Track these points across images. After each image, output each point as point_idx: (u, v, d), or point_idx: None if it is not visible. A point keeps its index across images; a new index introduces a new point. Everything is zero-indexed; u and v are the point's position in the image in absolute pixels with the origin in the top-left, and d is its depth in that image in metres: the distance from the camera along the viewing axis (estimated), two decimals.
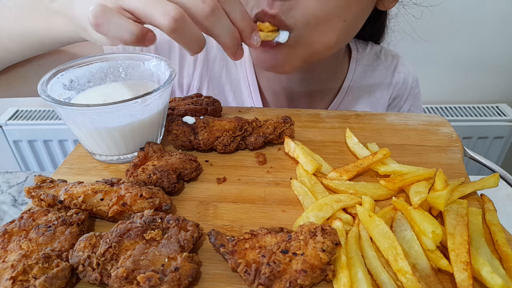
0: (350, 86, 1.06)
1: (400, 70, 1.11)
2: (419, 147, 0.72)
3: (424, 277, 0.45)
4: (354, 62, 1.06)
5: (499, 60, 1.87)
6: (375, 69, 1.09)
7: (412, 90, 1.13)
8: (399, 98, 1.13)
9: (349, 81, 1.06)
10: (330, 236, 0.45)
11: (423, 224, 0.48)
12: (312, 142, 0.73)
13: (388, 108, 1.14)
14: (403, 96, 1.13)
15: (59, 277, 0.43)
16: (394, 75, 1.10)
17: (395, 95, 1.12)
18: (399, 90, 1.12)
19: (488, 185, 0.59)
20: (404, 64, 1.13)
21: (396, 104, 1.14)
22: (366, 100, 1.09)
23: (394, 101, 1.13)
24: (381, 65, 1.10)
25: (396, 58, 1.13)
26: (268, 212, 0.57)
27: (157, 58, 0.71)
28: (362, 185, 0.60)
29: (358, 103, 1.08)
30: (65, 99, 0.67)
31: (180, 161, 0.62)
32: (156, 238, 0.47)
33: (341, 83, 1.06)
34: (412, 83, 1.13)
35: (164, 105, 0.67)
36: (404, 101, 1.14)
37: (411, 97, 1.14)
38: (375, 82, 1.09)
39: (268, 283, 0.43)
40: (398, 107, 1.14)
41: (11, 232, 0.49)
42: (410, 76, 1.12)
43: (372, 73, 1.09)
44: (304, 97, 1.04)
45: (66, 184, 0.57)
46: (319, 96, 1.06)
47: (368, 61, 1.09)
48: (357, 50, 1.08)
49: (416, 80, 1.14)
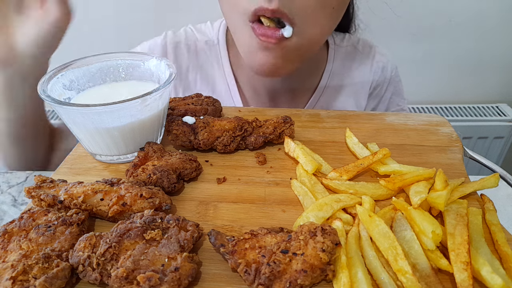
0: (329, 80, 1.07)
1: (378, 59, 1.12)
2: (419, 147, 0.72)
3: (424, 277, 0.45)
4: (332, 55, 1.07)
5: (499, 60, 1.87)
6: (353, 60, 1.10)
7: (392, 79, 1.14)
8: (379, 87, 1.14)
9: (328, 73, 1.07)
10: (330, 236, 0.45)
11: (423, 224, 0.48)
12: (312, 142, 0.73)
13: (369, 98, 1.14)
14: (383, 84, 1.14)
15: (59, 277, 0.43)
16: (373, 64, 1.11)
17: (375, 85, 1.13)
18: (379, 79, 1.13)
19: (488, 185, 0.59)
20: (382, 53, 1.14)
21: (377, 93, 1.15)
22: (346, 92, 1.10)
23: (375, 90, 1.14)
24: (358, 55, 1.11)
25: (374, 48, 1.13)
26: (268, 212, 0.57)
27: (157, 58, 0.71)
28: (362, 185, 0.60)
29: (339, 96, 1.09)
30: (65, 99, 0.67)
31: (180, 161, 0.62)
32: (156, 238, 0.47)
33: (320, 77, 1.07)
34: (392, 71, 1.14)
35: (164, 105, 0.67)
36: (385, 90, 1.15)
37: (391, 85, 1.15)
38: (353, 73, 1.10)
39: (268, 283, 0.43)
40: (379, 96, 1.15)
41: (11, 232, 0.49)
42: (389, 65, 1.13)
43: (351, 64, 1.10)
44: (285, 94, 1.06)
45: (66, 184, 0.57)
46: (301, 92, 1.07)
47: (346, 52, 1.10)
48: (335, 43, 1.09)
49: (395, 68, 1.15)
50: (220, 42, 1.05)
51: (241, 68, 1.04)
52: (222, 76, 1.05)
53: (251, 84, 1.05)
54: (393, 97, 1.17)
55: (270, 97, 1.05)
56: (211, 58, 1.06)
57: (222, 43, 1.05)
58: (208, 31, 1.08)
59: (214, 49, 1.05)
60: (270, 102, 1.06)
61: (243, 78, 1.05)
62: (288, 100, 1.07)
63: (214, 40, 1.06)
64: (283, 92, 1.05)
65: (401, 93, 1.18)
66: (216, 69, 1.06)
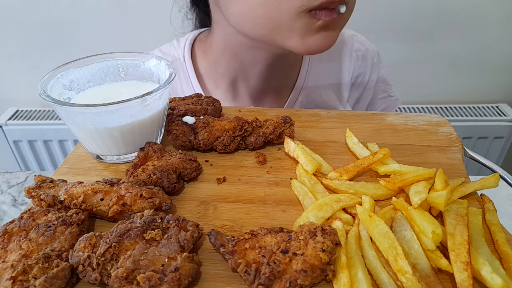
0: (307, 76, 1.07)
1: (357, 47, 1.12)
2: (419, 147, 0.72)
3: (424, 277, 0.45)
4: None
5: (499, 60, 1.87)
6: (331, 52, 1.10)
7: (374, 67, 1.14)
8: (361, 76, 1.14)
9: (305, 69, 1.07)
10: (330, 236, 0.45)
11: (423, 224, 0.48)
12: (312, 142, 0.73)
13: (352, 88, 1.14)
14: (366, 73, 1.14)
15: (59, 277, 0.43)
16: (352, 54, 1.11)
17: (356, 74, 1.13)
18: (360, 69, 1.13)
19: (488, 185, 0.59)
20: (361, 41, 1.14)
21: (360, 82, 1.14)
22: (326, 85, 1.10)
23: (357, 79, 1.14)
24: (337, 46, 1.10)
25: (351, 37, 1.13)
26: (268, 212, 0.57)
27: (157, 58, 0.71)
28: (362, 185, 0.60)
29: (319, 91, 1.09)
30: (65, 99, 0.67)
31: (180, 161, 0.62)
32: (156, 238, 0.47)
33: (297, 74, 1.07)
34: (373, 58, 1.14)
35: (164, 105, 0.67)
36: (368, 78, 1.15)
37: (374, 72, 1.15)
38: (332, 65, 1.10)
39: (268, 283, 0.43)
40: (362, 85, 1.15)
41: (11, 232, 0.49)
42: (369, 53, 1.13)
43: (329, 56, 1.09)
44: (269, 94, 1.06)
45: (66, 184, 0.57)
46: (283, 90, 1.08)
47: None
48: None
49: (377, 55, 1.15)
50: (186, 58, 1.07)
51: (210, 79, 1.06)
52: (191, 90, 1.06)
53: (230, 89, 1.05)
54: (378, 84, 1.17)
55: (252, 98, 1.06)
56: (180, 76, 1.08)
57: (188, 59, 1.07)
58: (173, 50, 1.10)
59: (181, 66, 1.07)
60: (252, 104, 1.07)
61: (221, 84, 1.06)
62: (272, 99, 1.07)
63: (180, 58, 1.07)
64: (266, 92, 1.06)
65: (387, 79, 1.18)
66: (184, 84, 1.07)
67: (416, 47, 1.81)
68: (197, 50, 1.08)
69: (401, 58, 1.81)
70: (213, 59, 1.04)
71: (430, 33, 1.78)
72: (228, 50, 0.97)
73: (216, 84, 1.06)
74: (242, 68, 0.99)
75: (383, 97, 1.18)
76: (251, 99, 1.06)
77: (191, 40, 1.09)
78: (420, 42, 1.80)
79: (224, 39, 0.96)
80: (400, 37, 1.78)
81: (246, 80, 1.02)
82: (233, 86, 1.05)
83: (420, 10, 1.71)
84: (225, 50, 0.98)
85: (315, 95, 1.09)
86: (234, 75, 1.02)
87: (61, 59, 0.74)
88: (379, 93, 1.18)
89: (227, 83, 1.04)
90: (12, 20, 1.71)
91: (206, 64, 1.07)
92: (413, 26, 1.75)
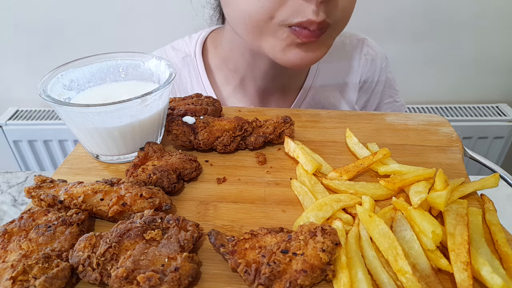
0: (316, 76, 1.07)
1: (366, 51, 1.12)
2: (419, 147, 0.72)
3: (424, 277, 0.45)
4: None
5: (499, 60, 1.87)
6: (341, 54, 1.10)
7: (382, 71, 1.14)
8: (370, 81, 1.14)
9: (314, 70, 1.07)
10: (330, 236, 0.45)
11: (423, 224, 0.48)
12: (312, 142, 0.73)
13: (360, 92, 1.14)
14: (374, 78, 1.14)
15: (59, 277, 0.43)
16: (361, 58, 1.11)
17: (365, 78, 1.13)
18: (368, 73, 1.12)
19: (488, 185, 0.59)
20: (371, 45, 1.13)
21: (368, 87, 1.14)
22: (334, 87, 1.10)
23: (365, 83, 1.14)
24: (346, 49, 1.11)
25: (362, 41, 1.13)
26: (268, 212, 0.57)
27: (157, 58, 0.71)
28: (362, 185, 0.60)
29: (327, 92, 1.09)
30: (65, 99, 0.67)
31: (180, 161, 0.62)
32: (156, 238, 0.47)
33: (306, 75, 1.07)
34: (382, 63, 1.13)
35: (164, 105, 0.67)
36: (376, 82, 1.14)
37: (383, 77, 1.15)
38: (341, 67, 1.10)
39: (268, 283, 0.43)
40: (370, 89, 1.15)
41: (11, 232, 0.49)
42: (378, 58, 1.13)
43: (339, 58, 1.09)
44: (275, 93, 1.06)
45: (66, 184, 0.57)
46: (290, 90, 1.08)
47: (334, 47, 1.10)
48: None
49: (385, 60, 1.15)
50: (197, 54, 1.07)
51: (232, 73, 1.06)
52: (201, 87, 1.07)
53: (240, 86, 1.06)
54: (385, 89, 1.16)
55: (260, 97, 1.07)
56: (190, 72, 1.08)
57: (199, 55, 1.07)
58: (185, 46, 1.10)
59: (192, 62, 1.07)
60: (259, 103, 1.07)
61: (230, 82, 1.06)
62: (278, 98, 1.08)
63: (191, 54, 1.08)
64: (273, 91, 1.06)
65: (394, 84, 1.18)
66: (194, 80, 1.08)
67: (416, 47, 1.81)
68: (209, 45, 1.09)
69: (401, 58, 1.81)
70: (225, 55, 1.04)
71: (430, 34, 1.78)
72: (236, 48, 0.98)
73: (227, 80, 1.07)
74: (249, 66, 1.00)
75: (389, 102, 1.18)
76: (259, 97, 1.07)
77: (204, 37, 1.09)
78: (420, 42, 1.80)
79: (232, 36, 0.97)
80: (400, 37, 1.78)
81: (253, 78, 1.03)
82: (242, 84, 1.05)
83: (420, 10, 1.71)
84: (234, 47, 0.99)
85: (322, 96, 1.09)
86: (243, 73, 1.03)
87: (61, 59, 0.74)
88: (385, 98, 1.18)
89: (237, 80, 1.05)
90: (12, 20, 1.71)
91: (218, 60, 1.07)
92: (414, 26, 1.75)
